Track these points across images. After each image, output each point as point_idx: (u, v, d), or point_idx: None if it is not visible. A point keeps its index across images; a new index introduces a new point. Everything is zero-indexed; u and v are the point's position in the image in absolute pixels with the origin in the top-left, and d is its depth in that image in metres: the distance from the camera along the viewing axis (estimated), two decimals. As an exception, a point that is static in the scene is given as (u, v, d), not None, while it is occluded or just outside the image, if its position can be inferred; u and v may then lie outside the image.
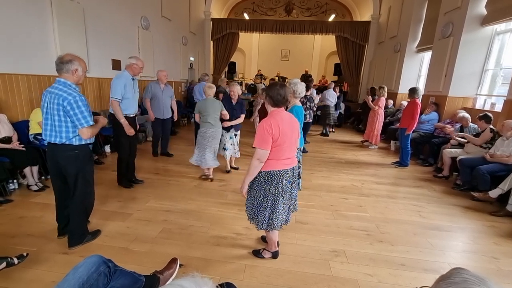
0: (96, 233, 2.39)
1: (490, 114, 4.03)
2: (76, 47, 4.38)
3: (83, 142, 2.08)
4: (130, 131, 3.25)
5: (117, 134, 3.37)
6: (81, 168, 2.11)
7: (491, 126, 3.95)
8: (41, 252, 2.14)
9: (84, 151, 2.11)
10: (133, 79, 3.31)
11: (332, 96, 7.39)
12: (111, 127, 4.80)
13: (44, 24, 3.86)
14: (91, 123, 2.01)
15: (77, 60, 2.00)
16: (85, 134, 2.01)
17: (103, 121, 2.25)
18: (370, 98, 6.54)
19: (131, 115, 3.38)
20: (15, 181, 3.19)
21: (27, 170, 3.17)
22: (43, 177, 3.53)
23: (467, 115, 4.57)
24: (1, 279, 1.79)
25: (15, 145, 3.09)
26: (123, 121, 3.21)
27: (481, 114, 4.11)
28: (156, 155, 4.91)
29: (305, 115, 5.13)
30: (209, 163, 3.71)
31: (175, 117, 4.98)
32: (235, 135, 4.16)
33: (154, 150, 4.92)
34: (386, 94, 6.10)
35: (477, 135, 4.19)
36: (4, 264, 1.75)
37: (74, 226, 2.22)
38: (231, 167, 4.31)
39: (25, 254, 1.91)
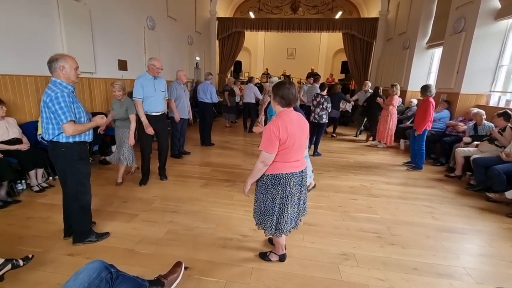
0: (103, 235, 2.37)
1: (510, 112, 3.83)
2: (83, 47, 4.41)
3: (71, 140, 2.04)
4: (148, 129, 3.38)
5: (138, 130, 3.49)
6: (69, 166, 2.08)
7: (510, 125, 3.79)
8: (48, 253, 2.13)
9: (72, 149, 2.07)
10: (155, 78, 3.44)
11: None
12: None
13: (51, 25, 3.88)
14: (69, 119, 1.94)
15: (63, 58, 1.99)
16: (67, 131, 1.97)
17: (100, 121, 2.21)
18: (381, 100, 6.37)
19: (153, 114, 3.49)
20: (23, 181, 3.21)
21: (31, 171, 3.19)
22: (50, 177, 3.56)
23: (481, 112, 4.40)
24: (8, 281, 1.79)
25: (19, 146, 3.11)
26: (143, 119, 3.38)
27: (500, 111, 3.92)
28: (178, 155, 4.83)
29: (321, 116, 5.00)
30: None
31: (191, 117, 5.05)
32: None
33: (173, 150, 4.79)
34: (399, 92, 5.95)
35: (477, 136, 4.17)
36: (9, 266, 1.74)
37: (73, 225, 2.25)
38: None
39: (30, 255, 1.90)
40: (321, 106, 4.99)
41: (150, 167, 3.67)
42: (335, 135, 7.27)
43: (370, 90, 7.19)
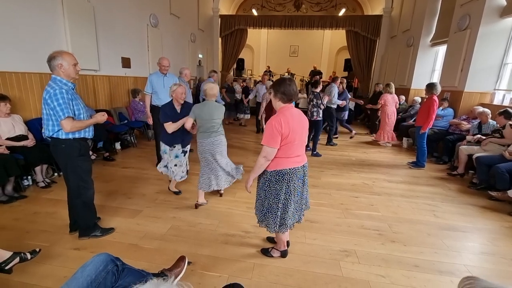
0: (108, 230, 2.41)
1: (510, 110, 3.86)
2: (87, 45, 4.44)
3: (71, 137, 2.06)
4: (148, 120, 4.03)
5: (154, 122, 3.98)
6: (69, 162, 2.11)
7: (511, 122, 3.78)
8: (54, 248, 2.18)
9: (72, 145, 2.09)
10: (165, 75, 3.92)
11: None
12: (122, 125, 5.00)
13: (56, 22, 3.91)
14: (67, 115, 1.96)
15: (61, 55, 1.99)
16: (65, 127, 1.98)
17: (100, 118, 2.21)
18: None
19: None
20: (29, 177, 3.27)
21: (37, 167, 3.24)
22: (56, 174, 3.61)
23: (487, 110, 4.37)
24: (16, 273, 1.83)
25: (25, 142, 3.15)
26: (146, 110, 4.00)
27: (501, 110, 3.96)
28: None
29: (312, 113, 4.97)
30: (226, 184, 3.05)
31: None
32: (184, 152, 3.10)
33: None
34: (392, 90, 6.02)
35: (495, 131, 4.05)
36: (17, 259, 1.78)
37: (78, 220, 2.29)
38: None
39: (37, 249, 1.94)
40: (312, 103, 4.97)
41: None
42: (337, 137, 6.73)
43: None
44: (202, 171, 2.93)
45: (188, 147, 3.18)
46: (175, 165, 3.09)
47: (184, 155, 3.13)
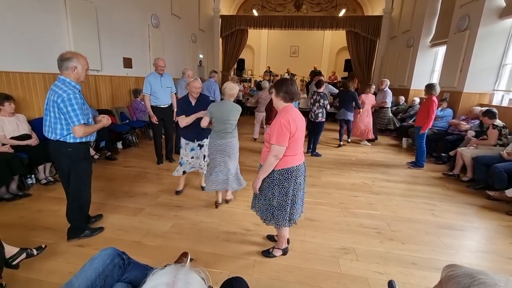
0: (97, 229, 2.41)
1: (494, 110, 4.05)
2: (89, 45, 4.48)
3: (78, 141, 2.06)
4: (152, 119, 4.05)
5: (153, 122, 4.14)
6: (73, 165, 2.12)
7: (495, 123, 3.95)
8: (58, 244, 2.22)
9: (78, 149, 2.10)
10: (162, 76, 3.99)
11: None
12: (124, 124, 5.05)
13: (59, 23, 3.96)
14: (82, 121, 1.97)
15: (76, 58, 1.96)
16: (77, 133, 1.98)
17: (106, 122, 2.22)
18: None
19: (161, 106, 4.08)
20: (32, 176, 3.31)
21: (40, 166, 3.29)
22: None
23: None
24: (22, 269, 1.87)
25: (29, 141, 3.20)
26: (148, 110, 4.05)
27: (485, 110, 4.13)
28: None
29: (317, 114, 4.92)
30: (235, 185, 2.94)
31: None
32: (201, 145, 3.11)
33: (177, 148, 4.96)
34: (372, 90, 6.21)
35: (482, 132, 4.25)
36: (24, 255, 1.83)
37: (71, 221, 2.28)
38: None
39: (43, 246, 1.99)
40: (317, 104, 4.88)
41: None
42: (341, 144, 5.97)
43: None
44: (210, 171, 2.89)
45: (204, 141, 3.09)
46: (192, 157, 3.11)
47: (200, 149, 3.11)
